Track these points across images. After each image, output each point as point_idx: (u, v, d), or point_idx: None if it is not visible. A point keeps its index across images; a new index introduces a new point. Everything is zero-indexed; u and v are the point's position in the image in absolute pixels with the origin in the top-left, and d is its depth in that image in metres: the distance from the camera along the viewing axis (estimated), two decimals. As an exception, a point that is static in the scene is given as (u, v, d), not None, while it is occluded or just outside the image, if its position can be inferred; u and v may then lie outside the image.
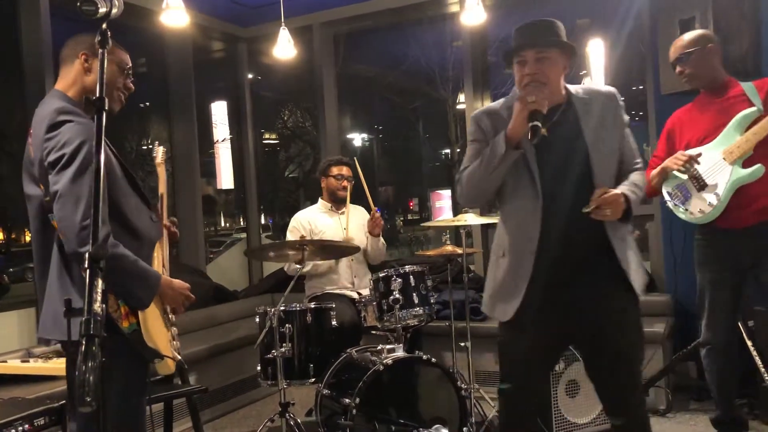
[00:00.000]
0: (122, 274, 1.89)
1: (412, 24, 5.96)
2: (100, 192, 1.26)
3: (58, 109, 1.96)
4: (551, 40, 2.23)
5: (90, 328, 1.10)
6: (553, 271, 2.23)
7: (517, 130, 2.16)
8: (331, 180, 4.20)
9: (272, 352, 3.24)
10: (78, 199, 1.85)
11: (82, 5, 1.37)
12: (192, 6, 4.11)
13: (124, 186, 2.05)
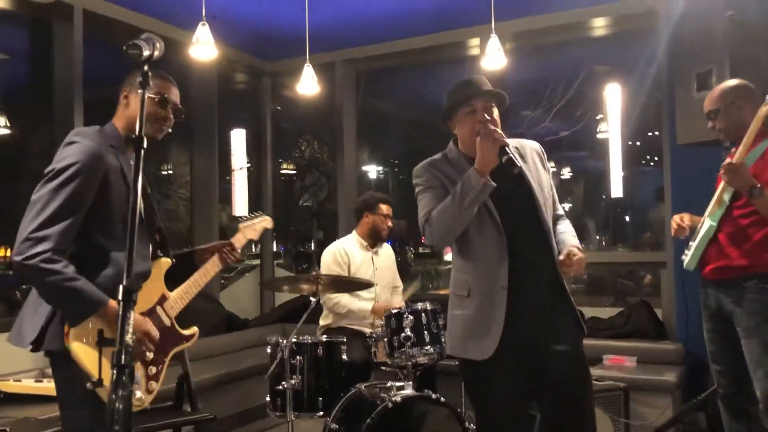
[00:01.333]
0: (54, 288, 1.92)
1: (433, 64, 6.07)
2: (135, 227, 1.31)
3: (77, 131, 2.11)
4: (493, 91, 2.44)
5: (121, 358, 1.15)
6: (524, 306, 2.32)
7: (488, 164, 2.27)
8: (378, 218, 4.19)
9: (282, 384, 3.27)
10: (42, 210, 1.93)
11: (128, 49, 1.45)
12: (219, 39, 4.23)
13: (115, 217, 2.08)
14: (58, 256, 1.91)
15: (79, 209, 1.97)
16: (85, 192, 1.98)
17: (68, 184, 1.96)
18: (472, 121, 2.38)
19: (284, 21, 5.02)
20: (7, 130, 5.64)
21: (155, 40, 1.52)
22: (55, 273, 1.90)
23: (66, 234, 1.94)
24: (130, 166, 2.11)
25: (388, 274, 4.22)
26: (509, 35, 5.19)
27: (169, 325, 2.30)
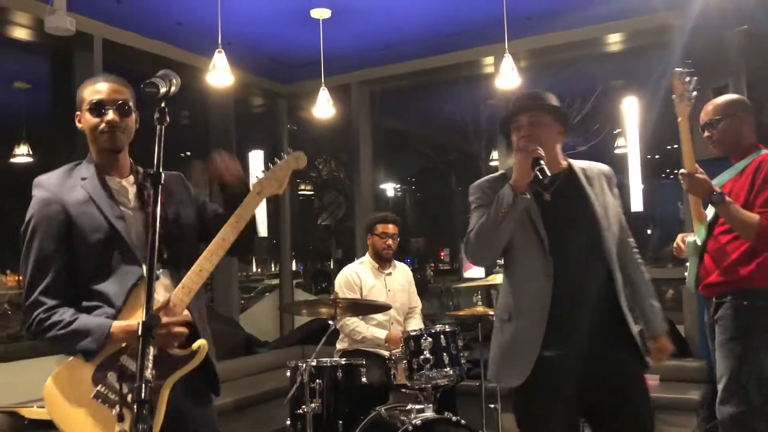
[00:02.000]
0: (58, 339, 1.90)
1: (448, 83, 6.10)
2: (155, 262, 1.32)
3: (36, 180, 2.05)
4: (540, 104, 2.34)
5: (141, 393, 1.16)
6: (563, 337, 2.21)
7: (522, 178, 2.20)
8: (376, 239, 4.17)
9: (302, 408, 3.27)
10: (24, 279, 1.96)
11: (146, 88, 1.48)
12: (235, 64, 4.29)
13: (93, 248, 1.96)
14: (50, 312, 1.91)
15: (52, 262, 1.95)
16: (48, 245, 1.95)
17: (31, 244, 1.96)
18: (517, 138, 2.34)
19: (299, 45, 5.08)
20: (29, 158, 5.75)
21: (172, 77, 1.55)
22: (51, 327, 1.89)
23: (50, 291, 1.93)
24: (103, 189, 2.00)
25: (402, 295, 4.21)
26: (523, 53, 5.20)
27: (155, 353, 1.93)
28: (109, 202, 2.02)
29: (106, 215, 1.99)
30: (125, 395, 1.86)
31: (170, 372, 1.91)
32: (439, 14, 4.71)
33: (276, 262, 6.51)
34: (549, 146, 2.29)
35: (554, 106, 2.37)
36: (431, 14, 4.70)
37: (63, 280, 1.96)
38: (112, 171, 2.06)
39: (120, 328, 1.88)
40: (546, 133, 2.31)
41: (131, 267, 1.97)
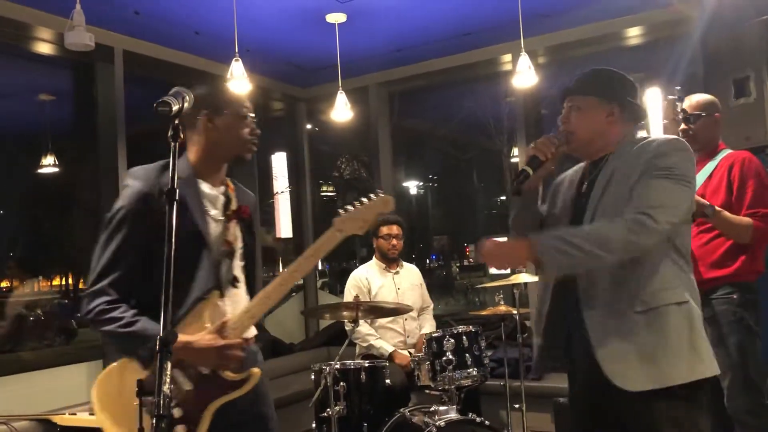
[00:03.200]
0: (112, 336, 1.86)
1: (466, 81, 6.09)
2: (170, 278, 1.35)
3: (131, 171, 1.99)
4: (577, 88, 2.14)
5: (160, 408, 1.19)
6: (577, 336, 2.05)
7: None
8: (381, 241, 4.25)
9: (327, 411, 3.30)
10: (96, 265, 1.90)
11: (158, 107, 1.50)
12: (254, 70, 4.34)
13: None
14: (113, 305, 1.86)
15: (130, 257, 1.89)
16: (131, 239, 1.89)
17: (114, 234, 1.90)
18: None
19: (316, 49, 5.11)
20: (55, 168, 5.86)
21: (184, 93, 1.57)
22: (111, 321, 1.84)
23: (119, 284, 1.88)
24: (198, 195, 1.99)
25: (413, 293, 4.23)
26: (542, 49, 5.17)
27: (208, 372, 1.92)
28: (200, 209, 1.99)
29: (195, 221, 1.96)
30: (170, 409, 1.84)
31: (219, 395, 1.88)
32: (454, 14, 4.70)
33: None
34: (583, 131, 2.11)
35: (594, 88, 2.12)
36: (446, 14, 4.69)
37: (133, 277, 1.91)
38: (209, 178, 2.04)
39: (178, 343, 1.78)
40: (586, 120, 2.11)
41: (205, 278, 1.95)
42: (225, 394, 1.89)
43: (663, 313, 1.92)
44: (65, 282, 7.51)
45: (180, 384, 1.88)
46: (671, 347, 1.91)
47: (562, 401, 3.81)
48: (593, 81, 2.15)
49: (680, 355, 1.91)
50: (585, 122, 2.12)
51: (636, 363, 1.91)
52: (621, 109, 2.11)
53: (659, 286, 1.94)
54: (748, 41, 3.51)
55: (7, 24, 4.03)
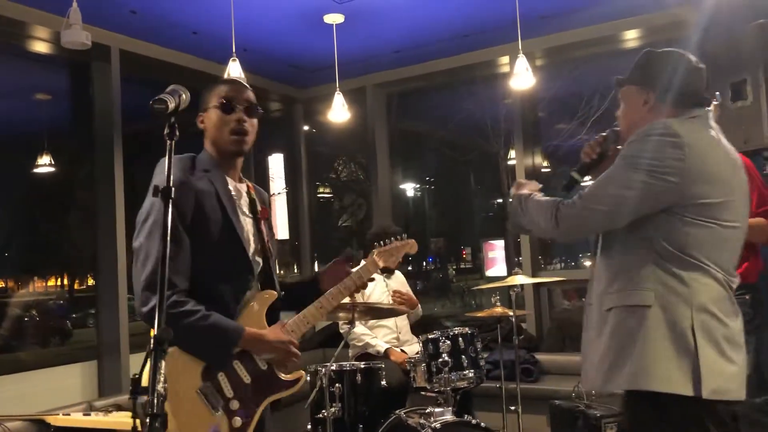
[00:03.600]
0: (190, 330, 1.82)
1: (464, 83, 6.10)
2: (167, 268, 1.34)
3: (160, 162, 1.92)
4: (617, 80, 2.07)
5: (154, 407, 1.18)
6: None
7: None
8: None
9: (322, 412, 3.29)
10: (147, 257, 1.84)
11: (154, 104, 1.49)
12: (251, 70, 4.33)
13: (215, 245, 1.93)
14: (185, 298, 1.85)
15: (184, 244, 1.87)
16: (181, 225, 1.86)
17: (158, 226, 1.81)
18: None
19: (314, 50, 5.11)
20: (51, 168, 5.84)
21: (180, 92, 1.55)
22: (188, 315, 1.82)
23: (182, 274, 1.86)
24: (227, 188, 2.01)
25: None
26: (539, 51, 5.18)
27: (265, 369, 1.99)
28: (231, 202, 2.01)
29: (229, 214, 1.98)
30: (229, 400, 1.90)
31: (272, 392, 1.99)
32: (452, 15, 4.70)
33: (297, 263, 6.56)
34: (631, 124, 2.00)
35: (632, 74, 2.02)
36: (444, 16, 4.70)
37: (189, 268, 1.89)
38: (228, 174, 2.06)
39: (252, 335, 1.93)
40: (626, 111, 2.04)
41: (244, 272, 2.01)
42: (278, 392, 2.01)
43: (614, 315, 1.87)
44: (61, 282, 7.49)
45: (240, 377, 1.94)
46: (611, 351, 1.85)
47: (558, 403, 3.81)
48: (634, 66, 2.03)
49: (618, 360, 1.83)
50: (626, 113, 2.05)
51: (595, 363, 1.92)
52: (656, 94, 1.95)
53: (625, 287, 1.87)
54: (745, 45, 3.51)
55: (3, 22, 4.02)
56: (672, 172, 1.80)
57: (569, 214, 1.90)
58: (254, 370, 1.97)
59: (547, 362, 4.62)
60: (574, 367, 4.47)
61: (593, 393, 3.64)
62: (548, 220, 1.94)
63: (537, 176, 5.40)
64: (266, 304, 2.05)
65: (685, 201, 1.81)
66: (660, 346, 1.78)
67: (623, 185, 1.83)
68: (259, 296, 2.05)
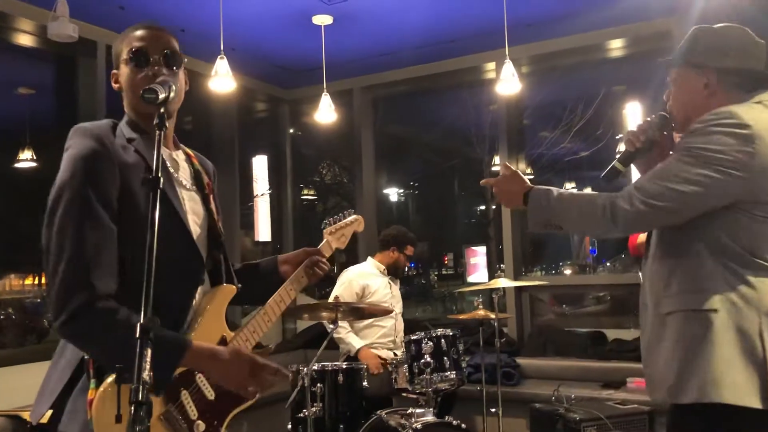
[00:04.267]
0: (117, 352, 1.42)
1: (450, 88, 6.13)
2: (152, 269, 1.25)
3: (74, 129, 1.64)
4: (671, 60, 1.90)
5: (138, 395, 1.17)
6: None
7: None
8: (403, 257, 4.34)
9: (303, 412, 3.28)
10: (60, 253, 1.48)
11: (145, 94, 1.46)
12: (238, 69, 4.32)
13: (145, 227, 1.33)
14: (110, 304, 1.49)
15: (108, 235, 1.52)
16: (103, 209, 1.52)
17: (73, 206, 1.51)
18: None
19: (301, 51, 5.11)
20: (33, 163, 5.78)
21: (171, 83, 1.55)
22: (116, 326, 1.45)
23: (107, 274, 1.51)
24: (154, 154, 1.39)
25: (399, 302, 4.29)
26: (525, 58, 5.22)
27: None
28: (167, 174, 1.66)
29: (166, 192, 1.59)
30: (193, 422, 1.60)
31: (239, 403, 1.72)
32: (440, 20, 4.73)
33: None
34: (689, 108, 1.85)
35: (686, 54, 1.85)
36: (433, 20, 4.72)
37: (116, 264, 1.52)
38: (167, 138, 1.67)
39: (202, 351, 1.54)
40: (681, 94, 1.88)
41: (191, 263, 1.65)
42: (244, 402, 1.73)
43: (678, 319, 1.74)
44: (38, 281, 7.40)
45: (204, 393, 1.64)
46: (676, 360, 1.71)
47: (538, 407, 3.83)
48: (687, 46, 1.87)
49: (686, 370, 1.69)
50: (680, 97, 1.88)
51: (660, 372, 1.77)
52: (718, 76, 1.81)
53: (687, 288, 1.73)
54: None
55: (-12, 14, 3.98)
56: (741, 167, 1.65)
57: (628, 211, 1.71)
58: (216, 384, 1.66)
59: (528, 366, 4.65)
60: (554, 371, 4.54)
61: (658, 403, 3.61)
62: (602, 218, 1.74)
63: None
64: (225, 303, 1.71)
65: (755, 197, 1.68)
66: (729, 353, 1.64)
67: (687, 180, 1.68)
68: (214, 294, 1.70)
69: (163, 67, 1.67)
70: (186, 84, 1.80)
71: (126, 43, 1.71)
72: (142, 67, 1.67)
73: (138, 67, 1.67)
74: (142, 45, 1.68)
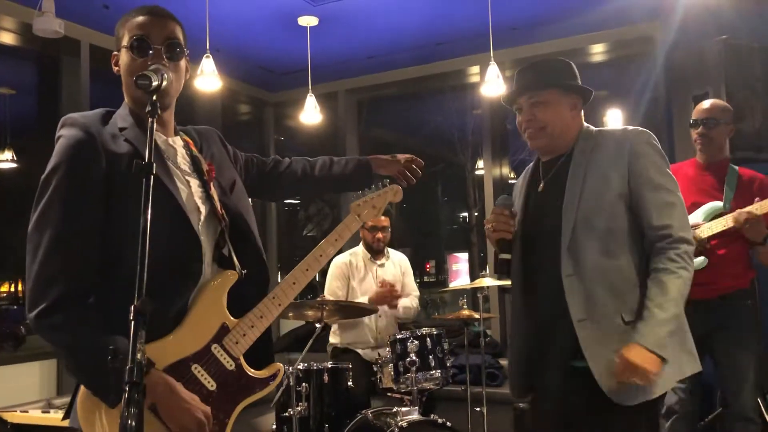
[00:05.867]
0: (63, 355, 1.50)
1: (434, 92, 6.16)
2: (146, 254, 1.24)
3: (65, 118, 1.62)
4: (540, 82, 2.03)
5: (133, 375, 1.16)
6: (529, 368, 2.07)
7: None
8: (365, 232, 4.13)
9: (288, 411, 3.26)
10: (37, 246, 1.47)
11: (138, 80, 1.45)
12: (223, 71, 4.31)
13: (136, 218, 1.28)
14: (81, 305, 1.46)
15: (86, 230, 1.49)
16: (83, 203, 1.49)
17: (54, 198, 1.49)
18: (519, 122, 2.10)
19: (286, 52, 5.11)
20: (13, 164, 5.72)
21: (164, 71, 1.53)
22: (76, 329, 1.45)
23: (78, 270, 1.48)
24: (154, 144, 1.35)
25: (397, 286, 4.10)
26: (509, 62, 5.27)
27: (232, 369, 1.62)
28: (162, 164, 1.59)
29: (162, 180, 1.54)
30: None
31: (247, 394, 1.63)
32: (426, 24, 4.76)
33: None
34: (559, 127, 2.02)
35: (556, 81, 2.03)
36: (418, 24, 4.75)
37: (94, 261, 1.50)
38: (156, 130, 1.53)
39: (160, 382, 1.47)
40: (551, 114, 2.02)
41: (191, 252, 1.58)
42: (250, 393, 1.64)
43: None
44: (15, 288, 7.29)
45: (203, 384, 1.58)
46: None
47: (522, 406, 3.85)
48: (551, 72, 2.06)
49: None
50: (554, 116, 2.02)
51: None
52: (581, 99, 2.07)
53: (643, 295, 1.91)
54: (709, 59, 3.63)
55: (-31, 11, 3.94)
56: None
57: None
58: (219, 372, 1.60)
59: (512, 368, 4.66)
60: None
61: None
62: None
63: (504, 188, 5.47)
64: (224, 290, 1.64)
65: None
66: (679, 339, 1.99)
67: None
68: (212, 280, 1.63)
69: (164, 59, 1.63)
70: (187, 72, 1.76)
71: (128, 28, 1.65)
72: (142, 57, 1.62)
73: (138, 56, 1.62)
74: (144, 33, 1.62)
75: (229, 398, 1.61)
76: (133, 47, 1.62)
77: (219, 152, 1.87)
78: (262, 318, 1.67)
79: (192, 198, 1.64)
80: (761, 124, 3.54)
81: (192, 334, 1.59)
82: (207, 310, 1.61)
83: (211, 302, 1.62)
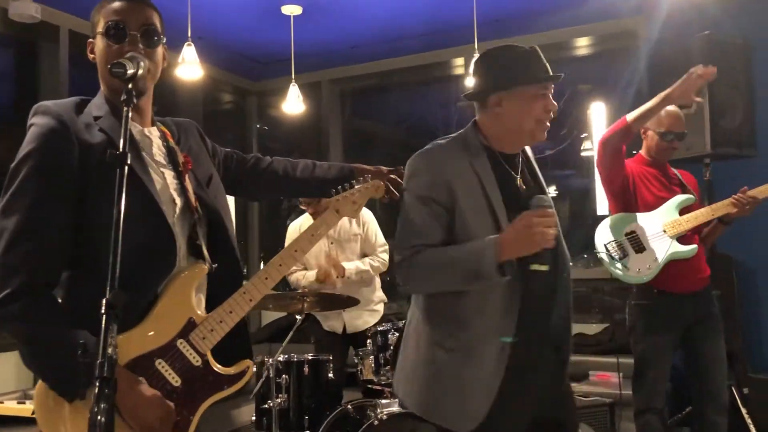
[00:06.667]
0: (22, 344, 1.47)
1: (418, 84, 6.14)
2: (119, 245, 1.22)
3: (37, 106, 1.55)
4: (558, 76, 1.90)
5: (104, 370, 1.14)
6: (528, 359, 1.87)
7: (518, 253, 1.74)
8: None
9: (268, 403, 3.25)
10: (1, 234, 1.45)
11: (113, 68, 1.41)
12: (205, 59, 4.26)
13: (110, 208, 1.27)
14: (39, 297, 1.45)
15: (52, 220, 1.47)
16: (52, 192, 1.47)
17: (24, 186, 1.46)
18: (544, 107, 1.88)
19: (270, 41, 5.07)
20: (-9, 150, 5.63)
21: (140, 59, 1.50)
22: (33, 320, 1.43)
23: (41, 261, 1.46)
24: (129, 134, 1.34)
25: (348, 245, 4.01)
26: (493, 55, 5.26)
27: (198, 365, 1.57)
28: (137, 155, 1.56)
29: (136, 171, 1.51)
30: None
31: (211, 392, 1.58)
32: (410, 14, 4.74)
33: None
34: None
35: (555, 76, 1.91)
36: (403, 14, 4.73)
37: (60, 252, 1.49)
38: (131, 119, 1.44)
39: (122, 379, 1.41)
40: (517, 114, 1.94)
41: (164, 244, 1.55)
42: (218, 391, 1.59)
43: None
44: None
45: (167, 379, 1.54)
46: None
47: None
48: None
49: None
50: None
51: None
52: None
53: None
54: (692, 55, 3.64)
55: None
56: None
57: None
58: (184, 368, 1.56)
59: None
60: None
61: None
62: None
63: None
64: (192, 284, 1.59)
65: None
66: None
67: None
68: (178, 274, 1.58)
69: (140, 45, 1.58)
70: (165, 60, 1.72)
71: (103, 14, 1.61)
72: (118, 43, 1.58)
73: (114, 42, 1.58)
74: (120, 19, 1.59)
75: (194, 395, 1.57)
76: (109, 33, 1.59)
77: (197, 145, 1.83)
78: (231, 313, 1.62)
79: (167, 190, 1.60)
80: (742, 120, 3.56)
81: (157, 328, 1.55)
82: (174, 304, 1.57)
83: (179, 296, 1.57)
